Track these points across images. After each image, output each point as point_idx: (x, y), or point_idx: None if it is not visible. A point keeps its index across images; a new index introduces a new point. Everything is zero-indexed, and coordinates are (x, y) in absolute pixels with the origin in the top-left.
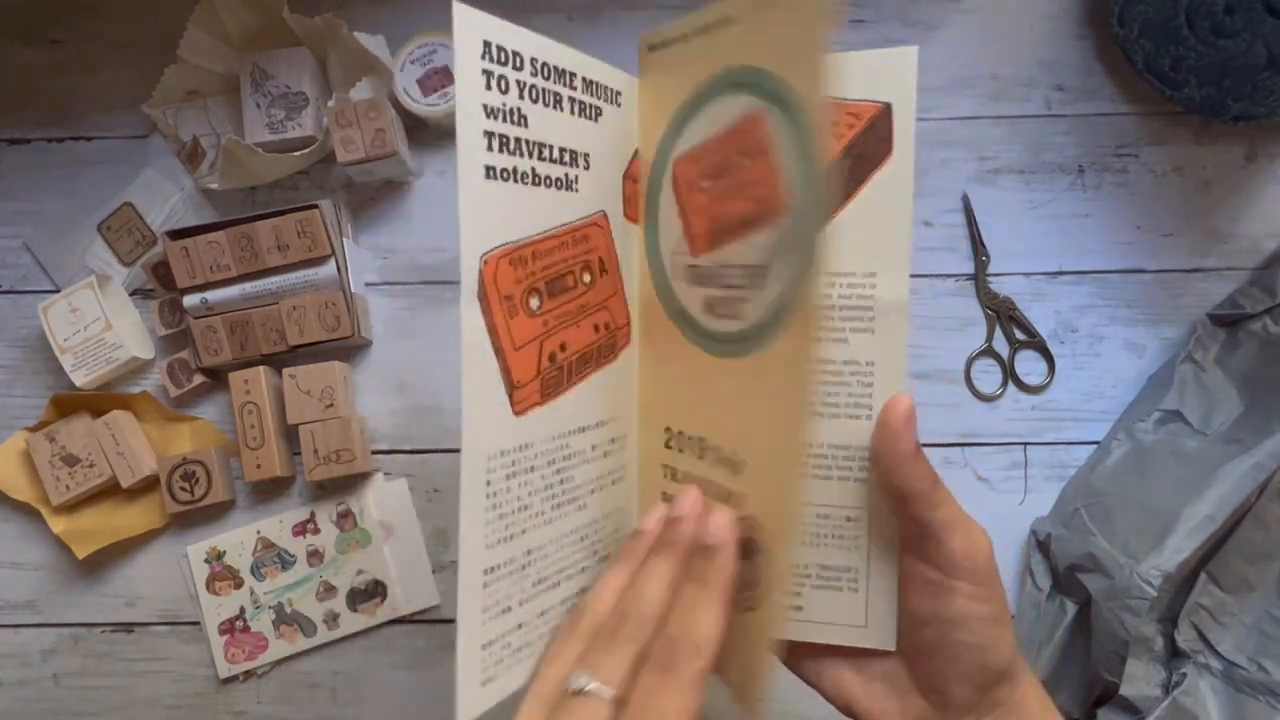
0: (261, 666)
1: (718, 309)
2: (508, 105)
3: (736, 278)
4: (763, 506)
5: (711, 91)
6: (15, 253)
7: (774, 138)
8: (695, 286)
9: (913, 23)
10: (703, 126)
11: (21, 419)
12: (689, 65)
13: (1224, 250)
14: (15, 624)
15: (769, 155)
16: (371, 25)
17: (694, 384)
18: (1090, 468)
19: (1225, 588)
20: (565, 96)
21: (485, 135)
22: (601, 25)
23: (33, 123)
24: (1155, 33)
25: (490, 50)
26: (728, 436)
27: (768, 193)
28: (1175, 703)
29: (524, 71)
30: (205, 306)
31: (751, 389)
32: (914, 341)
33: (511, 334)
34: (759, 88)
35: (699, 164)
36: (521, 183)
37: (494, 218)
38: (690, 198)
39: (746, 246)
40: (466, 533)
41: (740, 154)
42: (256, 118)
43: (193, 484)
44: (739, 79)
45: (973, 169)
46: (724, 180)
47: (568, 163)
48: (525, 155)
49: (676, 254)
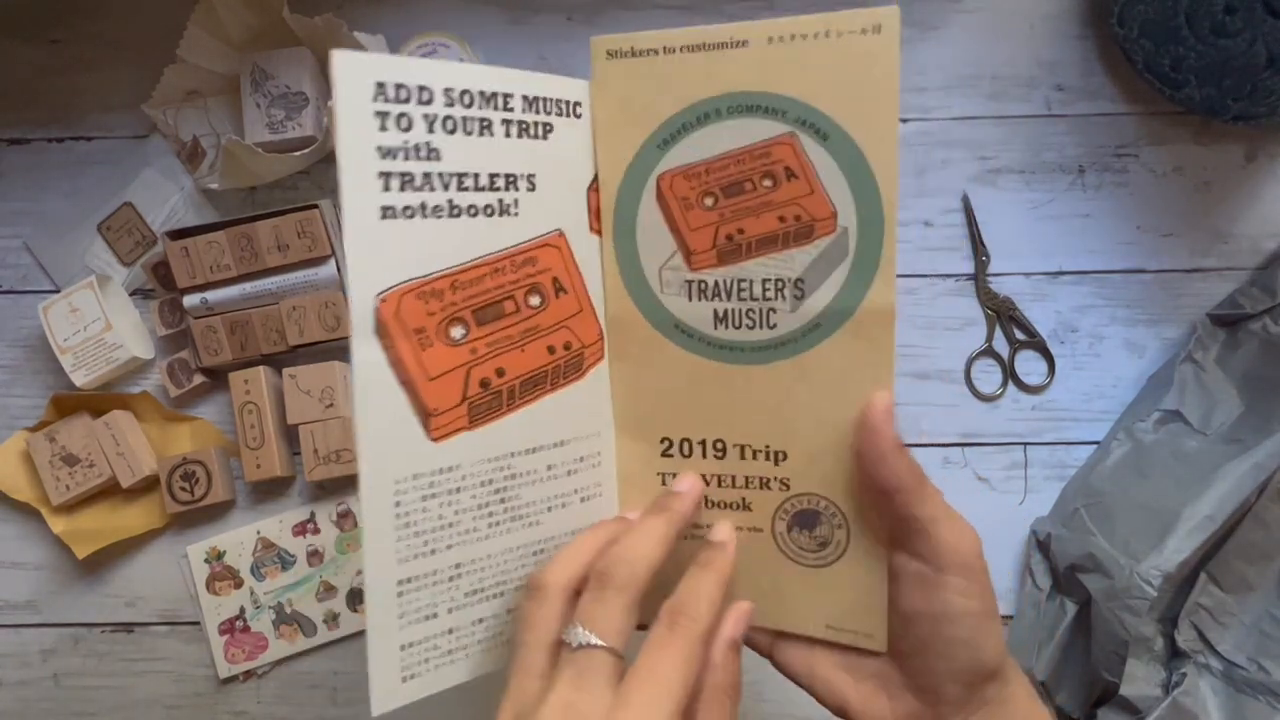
0: (261, 666)
1: (731, 320)
2: (411, 142)
3: (759, 291)
4: (818, 481)
5: (711, 112)
6: (15, 253)
7: (812, 161)
8: (699, 301)
9: (913, 22)
10: (699, 145)
11: (21, 419)
12: (674, 80)
13: (1224, 250)
14: (15, 624)
15: (807, 178)
16: (371, 25)
17: (701, 391)
18: (1090, 468)
19: (1225, 588)
20: (498, 120)
21: (381, 177)
22: (602, 25)
23: (33, 123)
24: (1155, 33)
25: (385, 90)
26: (760, 432)
27: (808, 213)
28: (1175, 703)
29: (434, 104)
30: (205, 306)
31: (793, 387)
32: (914, 341)
33: (424, 365)
34: (783, 114)
35: (697, 182)
36: (433, 217)
37: (394, 256)
38: (686, 214)
39: (775, 263)
40: (370, 549)
41: (763, 176)
42: (256, 118)
43: (193, 484)
44: (753, 103)
45: (973, 169)
46: (738, 200)
47: (502, 188)
48: (438, 189)
49: (668, 268)
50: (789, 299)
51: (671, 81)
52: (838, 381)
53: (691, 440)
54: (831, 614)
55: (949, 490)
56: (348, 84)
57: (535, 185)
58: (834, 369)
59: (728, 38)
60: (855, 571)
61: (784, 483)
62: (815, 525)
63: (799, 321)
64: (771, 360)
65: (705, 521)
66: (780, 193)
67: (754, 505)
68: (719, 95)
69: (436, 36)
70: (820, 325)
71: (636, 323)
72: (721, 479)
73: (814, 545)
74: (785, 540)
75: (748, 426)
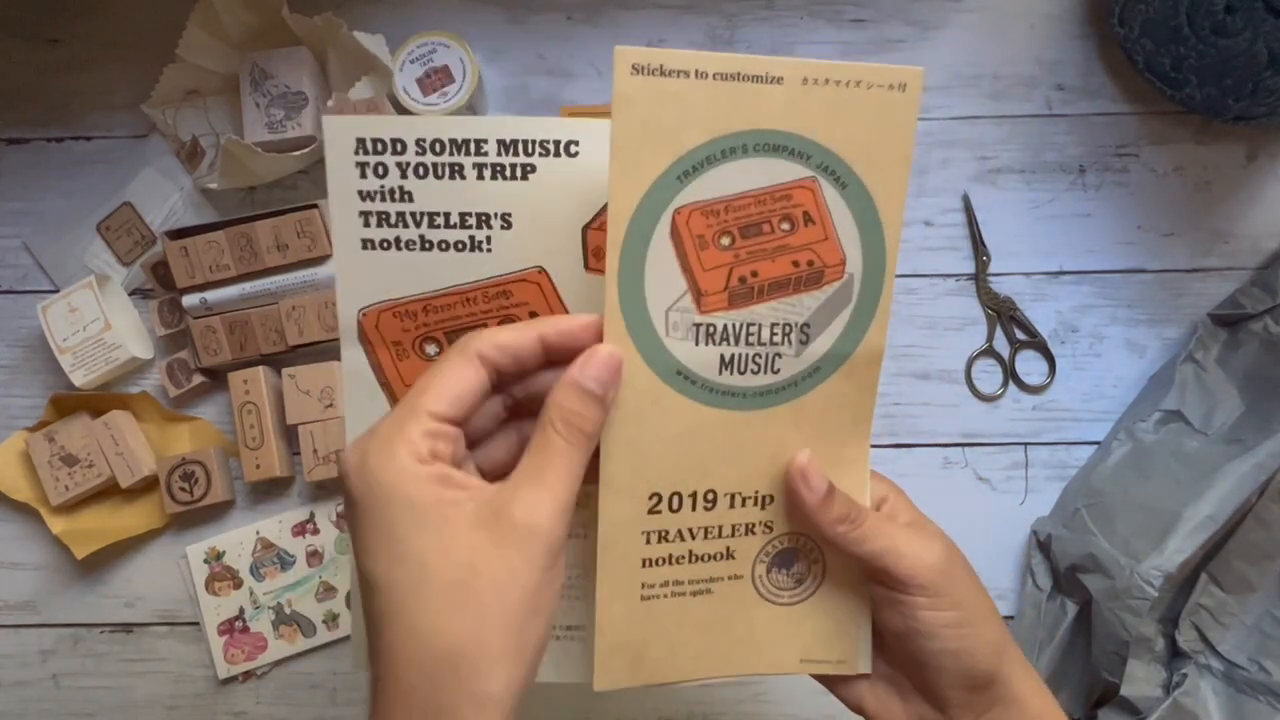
0: (261, 667)
1: (737, 366)
2: (387, 186)
3: (767, 336)
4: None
5: (738, 147)
6: (15, 253)
7: (829, 208)
8: (706, 345)
9: (913, 22)
10: (720, 181)
11: (21, 419)
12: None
13: (1224, 250)
14: (15, 624)
15: (823, 224)
16: (371, 25)
17: (697, 440)
18: (1091, 468)
19: (1226, 588)
20: (469, 164)
21: (361, 215)
22: (601, 25)
23: (33, 123)
24: (1156, 32)
25: (365, 144)
26: (751, 479)
27: (820, 259)
28: (1176, 703)
29: (406, 154)
30: (204, 306)
31: (786, 431)
32: (914, 341)
33: (400, 374)
34: (807, 157)
35: (715, 220)
36: (407, 249)
37: (374, 279)
38: (701, 253)
39: (787, 307)
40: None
41: (781, 219)
42: (256, 117)
43: (192, 484)
44: (780, 143)
45: (973, 169)
46: (755, 241)
47: (473, 226)
48: (411, 226)
49: (676, 310)
50: (795, 344)
51: (700, 109)
52: (825, 421)
53: (682, 494)
54: (806, 647)
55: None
56: (334, 142)
57: (511, 224)
58: (824, 409)
59: (763, 71)
60: (831, 602)
61: (768, 525)
62: (793, 563)
63: (802, 365)
64: (771, 405)
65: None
66: (797, 237)
67: (737, 553)
68: (748, 130)
69: (436, 36)
70: (820, 369)
71: (636, 369)
72: (709, 530)
73: (791, 583)
74: (764, 583)
75: (741, 474)
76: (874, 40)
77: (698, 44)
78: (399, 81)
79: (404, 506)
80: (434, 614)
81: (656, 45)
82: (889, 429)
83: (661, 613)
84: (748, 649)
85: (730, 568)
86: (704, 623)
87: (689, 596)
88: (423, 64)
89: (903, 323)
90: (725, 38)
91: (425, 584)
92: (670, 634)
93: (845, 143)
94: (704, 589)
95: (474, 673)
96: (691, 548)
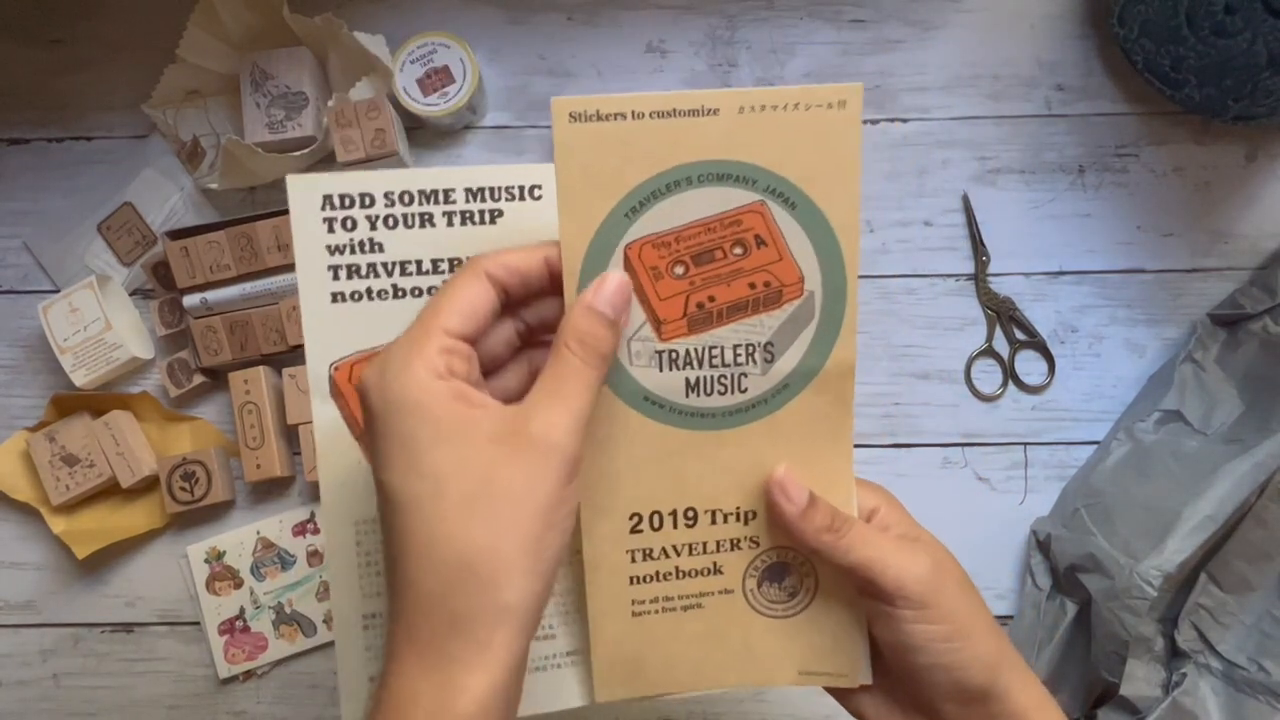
0: (261, 666)
1: (703, 388)
2: (355, 239)
3: (730, 357)
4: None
5: (682, 180)
6: (15, 253)
7: (781, 228)
8: (669, 371)
9: (913, 22)
10: (669, 214)
11: (21, 419)
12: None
13: (1224, 250)
14: (15, 624)
15: (775, 245)
16: (371, 25)
17: (671, 461)
18: (1090, 468)
19: (1225, 588)
20: (439, 212)
21: (330, 269)
22: (601, 25)
23: (33, 123)
24: (1155, 33)
25: (331, 200)
26: (730, 495)
27: (777, 279)
28: (1175, 703)
29: (375, 207)
30: (205, 306)
31: (762, 447)
32: (914, 341)
33: None
34: (753, 182)
35: (666, 251)
36: (379, 299)
37: (344, 333)
38: (656, 284)
39: (745, 328)
40: (336, 585)
41: (733, 244)
42: (256, 117)
43: (193, 484)
44: (723, 171)
45: (973, 169)
46: (708, 268)
47: (445, 270)
48: (382, 275)
49: (637, 340)
50: (759, 362)
51: (639, 148)
52: (802, 435)
53: (662, 513)
54: (804, 659)
55: (949, 490)
56: (299, 201)
57: None
58: (799, 424)
59: (699, 105)
60: (827, 614)
61: (754, 540)
62: (785, 577)
63: (769, 383)
64: (742, 423)
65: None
66: (751, 260)
67: (725, 568)
68: (690, 163)
69: (436, 36)
70: (789, 385)
71: (604, 397)
72: (693, 547)
73: (784, 596)
74: (756, 596)
75: (719, 491)
76: (874, 40)
77: (698, 44)
78: (399, 82)
79: (422, 420)
80: (451, 523)
81: (657, 46)
82: (888, 429)
83: (654, 628)
84: (745, 661)
85: (720, 583)
86: (699, 636)
87: (680, 612)
88: (423, 64)
89: (902, 323)
90: (725, 38)
91: (443, 495)
92: (666, 648)
93: (789, 164)
94: (695, 604)
95: (491, 582)
96: (678, 564)
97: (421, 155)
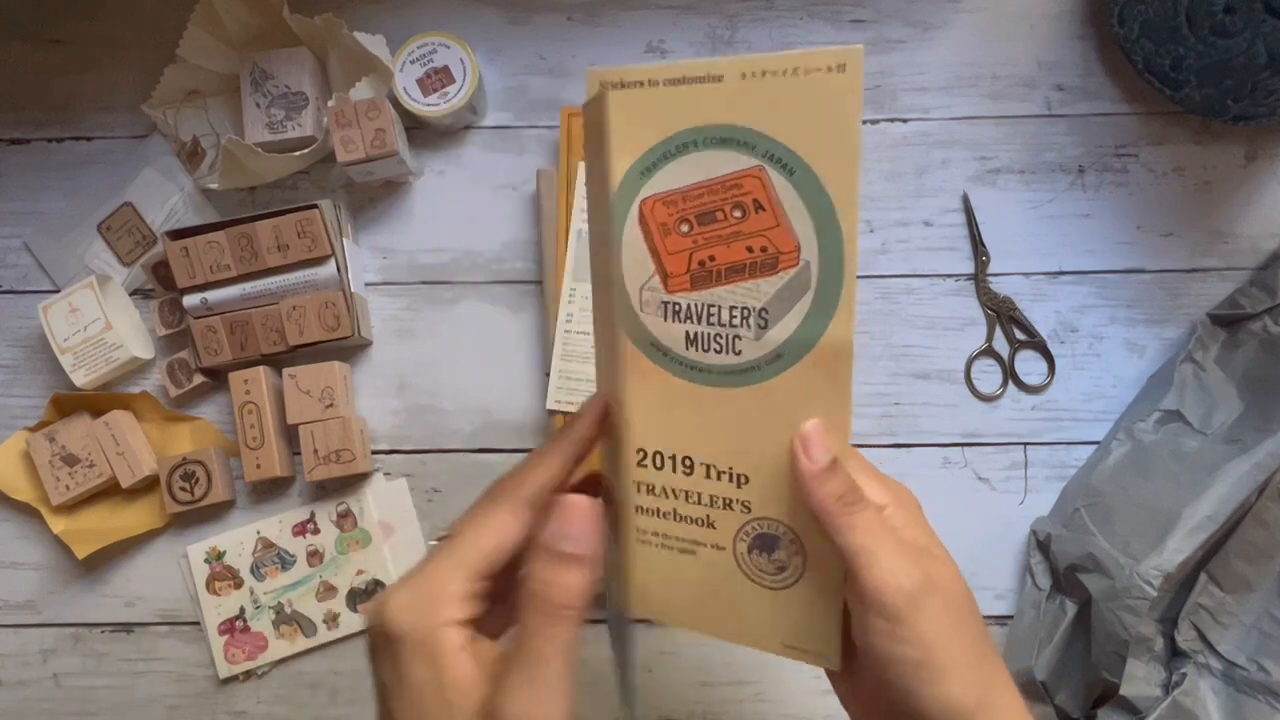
0: (261, 666)
1: (701, 343)
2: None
3: (726, 317)
4: (776, 507)
5: (689, 143)
6: (15, 253)
7: (778, 195)
8: (672, 321)
9: (913, 22)
10: (677, 174)
11: (21, 419)
12: (657, 111)
13: (1224, 250)
14: (15, 624)
15: (773, 211)
16: (371, 25)
17: (672, 407)
18: (1090, 468)
19: (1225, 588)
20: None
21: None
22: (601, 25)
23: (33, 123)
24: (1155, 33)
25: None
26: (725, 455)
27: (774, 245)
28: (1175, 703)
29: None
30: (205, 306)
31: (756, 414)
32: (914, 341)
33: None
34: (752, 147)
35: (674, 209)
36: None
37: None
38: (664, 240)
39: (742, 291)
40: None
41: (733, 207)
42: (256, 118)
43: (193, 484)
44: (725, 136)
45: (973, 169)
46: (709, 229)
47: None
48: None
49: (648, 289)
50: (753, 328)
51: (654, 112)
52: (797, 411)
53: (663, 454)
54: (789, 633)
55: (949, 490)
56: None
57: None
58: (794, 399)
59: (705, 73)
60: (810, 596)
61: (745, 505)
62: (774, 549)
63: (762, 351)
64: (736, 385)
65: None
66: (749, 224)
67: (717, 524)
68: (695, 127)
69: (436, 36)
70: (782, 355)
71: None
72: (689, 495)
73: (773, 568)
74: (745, 561)
75: (712, 447)
76: (874, 40)
77: (698, 44)
78: (399, 82)
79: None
80: None
81: (657, 46)
82: (888, 429)
83: (656, 559)
84: (734, 620)
85: (712, 537)
86: (693, 581)
87: (677, 552)
88: (423, 64)
89: (902, 323)
90: (725, 38)
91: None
92: (668, 579)
93: (787, 129)
94: (689, 549)
95: None
96: (676, 507)
97: (422, 155)
